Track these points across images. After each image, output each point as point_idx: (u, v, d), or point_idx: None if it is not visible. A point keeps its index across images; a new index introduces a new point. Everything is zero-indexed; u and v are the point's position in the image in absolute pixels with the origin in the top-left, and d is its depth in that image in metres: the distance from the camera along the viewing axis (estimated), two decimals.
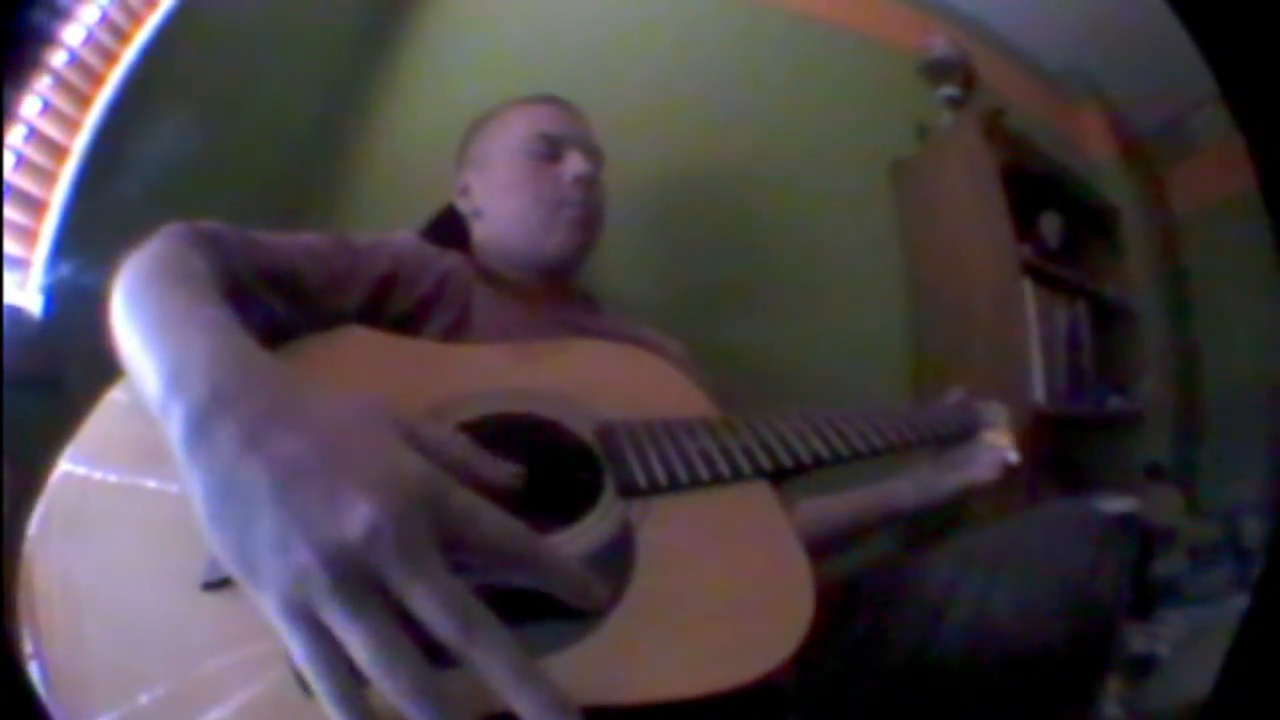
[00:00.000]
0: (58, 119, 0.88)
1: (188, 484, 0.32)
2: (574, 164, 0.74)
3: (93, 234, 0.85)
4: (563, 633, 0.34)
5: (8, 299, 0.79)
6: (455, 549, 0.30)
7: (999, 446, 0.62)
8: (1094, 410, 1.25)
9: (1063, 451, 1.19)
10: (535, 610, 0.33)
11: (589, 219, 0.76)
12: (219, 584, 0.35)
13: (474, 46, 1.14)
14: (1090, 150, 1.41)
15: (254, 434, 0.31)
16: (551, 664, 0.33)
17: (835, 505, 0.70)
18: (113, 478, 0.42)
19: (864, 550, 0.73)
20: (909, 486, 0.67)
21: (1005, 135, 1.22)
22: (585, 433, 0.48)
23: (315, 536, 0.28)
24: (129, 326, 0.41)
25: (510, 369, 0.53)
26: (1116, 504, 1.17)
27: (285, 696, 0.31)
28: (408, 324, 0.62)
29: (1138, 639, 1.10)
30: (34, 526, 0.40)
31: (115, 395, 0.45)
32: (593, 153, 0.78)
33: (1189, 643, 1.12)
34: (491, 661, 0.28)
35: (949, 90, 1.23)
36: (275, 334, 0.51)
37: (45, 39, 0.87)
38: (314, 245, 0.60)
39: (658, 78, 1.15)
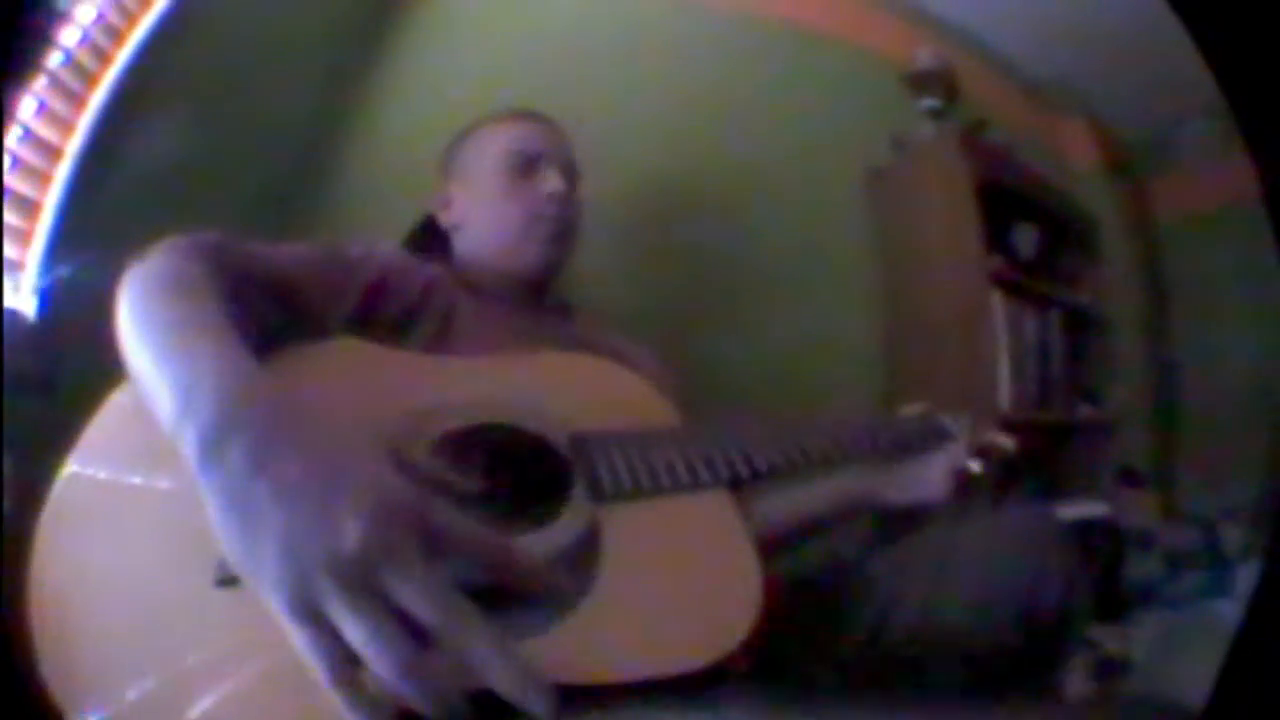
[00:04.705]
0: (52, 120, 0.89)
1: (203, 497, 0.36)
2: (550, 182, 0.78)
3: (87, 235, 0.86)
4: (538, 621, 0.39)
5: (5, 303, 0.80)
6: (437, 554, 0.35)
7: (956, 462, 0.65)
8: (1064, 418, 1.27)
9: (1032, 459, 1.21)
10: (513, 601, 0.37)
11: (563, 234, 0.79)
12: (229, 581, 0.38)
13: (459, 55, 1.15)
14: (1072, 161, 1.44)
15: (259, 457, 0.36)
16: (527, 647, 0.36)
17: (790, 503, 0.71)
18: (119, 478, 0.44)
19: (820, 545, 0.74)
20: (863, 491, 0.69)
21: (984, 149, 1.24)
22: (559, 442, 0.52)
23: (317, 547, 0.33)
24: (138, 344, 0.44)
25: (490, 380, 0.56)
26: (1082, 509, 1.19)
27: (280, 678, 0.35)
28: (395, 332, 0.64)
29: (1111, 641, 1.12)
30: (43, 525, 0.43)
31: (118, 399, 0.48)
32: (569, 169, 0.81)
33: (1163, 645, 1.14)
34: (473, 646, 0.33)
35: (931, 101, 1.25)
36: (268, 339, 0.53)
37: (43, 40, 0.88)
38: (308, 256, 0.63)
39: (637, 86, 1.17)
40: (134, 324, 0.45)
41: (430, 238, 0.84)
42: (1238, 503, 1.23)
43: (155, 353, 0.43)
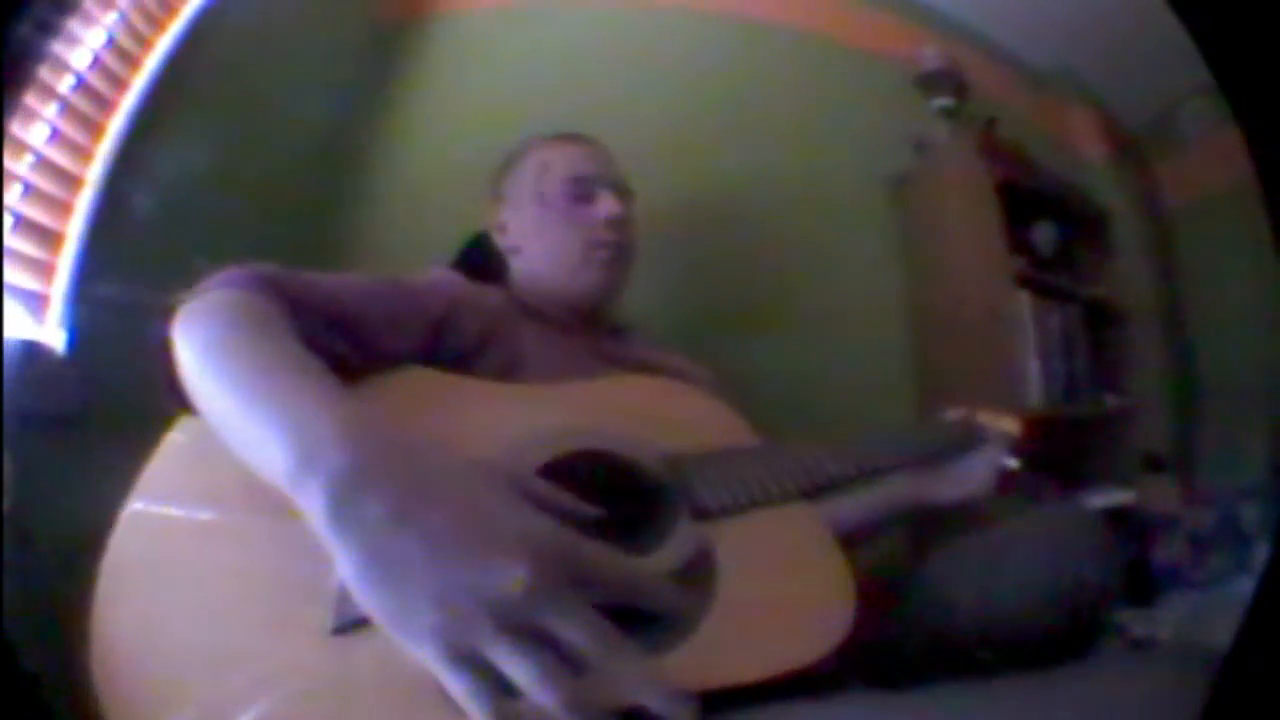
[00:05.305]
0: (69, 147, 0.87)
1: (334, 551, 0.35)
2: (606, 205, 0.78)
3: (113, 264, 0.85)
4: (666, 636, 0.42)
5: (27, 335, 0.79)
6: (584, 587, 0.36)
7: (995, 460, 0.70)
8: (1091, 410, 1.29)
9: (1062, 450, 1.23)
10: (643, 621, 0.40)
11: (622, 258, 0.80)
12: (350, 627, 0.39)
13: (473, 73, 1.15)
14: (1081, 151, 1.45)
15: (402, 509, 0.36)
16: (665, 661, 0.41)
17: (846, 508, 0.74)
18: (181, 515, 0.44)
19: (882, 548, 0.78)
20: (911, 493, 0.73)
21: (998, 147, 1.25)
22: (653, 464, 0.53)
23: (478, 596, 0.34)
24: (219, 386, 0.43)
25: (571, 407, 0.57)
26: (1110, 497, 1.21)
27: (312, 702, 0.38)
28: (463, 362, 0.63)
29: (1137, 625, 1.13)
30: (106, 563, 0.43)
31: (175, 437, 0.48)
32: (623, 192, 0.82)
33: (1190, 625, 1.15)
34: (625, 670, 0.35)
35: (942, 101, 1.26)
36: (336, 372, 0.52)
37: (35, 56, 0.86)
38: (369, 287, 0.61)
39: (659, 104, 1.17)
40: (211, 364, 0.44)
41: (485, 259, 0.84)
42: (1255, 482, 1.24)
43: (247, 396, 0.41)
